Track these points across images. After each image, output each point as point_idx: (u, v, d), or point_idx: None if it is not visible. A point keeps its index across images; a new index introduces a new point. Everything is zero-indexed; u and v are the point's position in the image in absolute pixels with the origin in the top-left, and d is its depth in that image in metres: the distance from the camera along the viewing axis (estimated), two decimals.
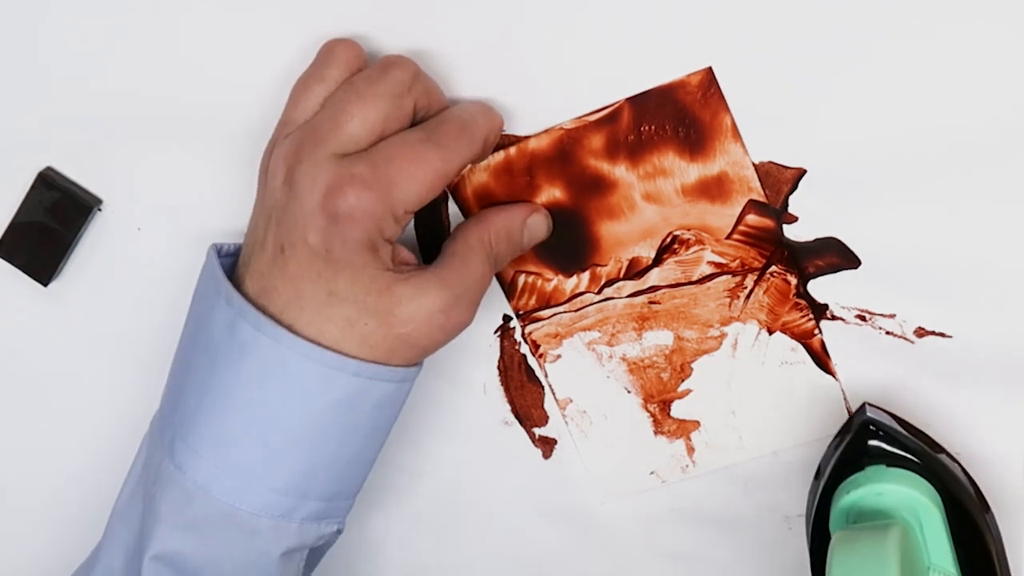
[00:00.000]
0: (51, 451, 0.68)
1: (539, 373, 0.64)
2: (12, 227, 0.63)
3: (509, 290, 0.63)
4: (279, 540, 0.56)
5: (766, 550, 0.65)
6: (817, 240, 0.59)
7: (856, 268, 0.59)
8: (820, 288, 0.60)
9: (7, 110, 0.62)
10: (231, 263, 0.57)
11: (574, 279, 0.62)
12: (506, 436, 0.65)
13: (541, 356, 0.64)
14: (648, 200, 0.60)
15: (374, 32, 0.58)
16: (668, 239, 0.60)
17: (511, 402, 0.65)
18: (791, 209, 0.59)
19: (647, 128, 0.58)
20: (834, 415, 0.62)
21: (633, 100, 0.58)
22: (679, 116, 0.58)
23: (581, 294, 0.62)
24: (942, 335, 0.59)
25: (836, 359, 0.61)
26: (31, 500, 0.67)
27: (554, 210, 0.60)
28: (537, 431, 0.65)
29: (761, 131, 0.57)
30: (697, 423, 0.64)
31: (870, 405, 0.59)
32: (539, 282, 0.62)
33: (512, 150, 0.59)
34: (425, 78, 0.56)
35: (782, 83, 0.56)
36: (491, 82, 0.58)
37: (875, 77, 0.55)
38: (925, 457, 0.57)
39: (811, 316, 0.61)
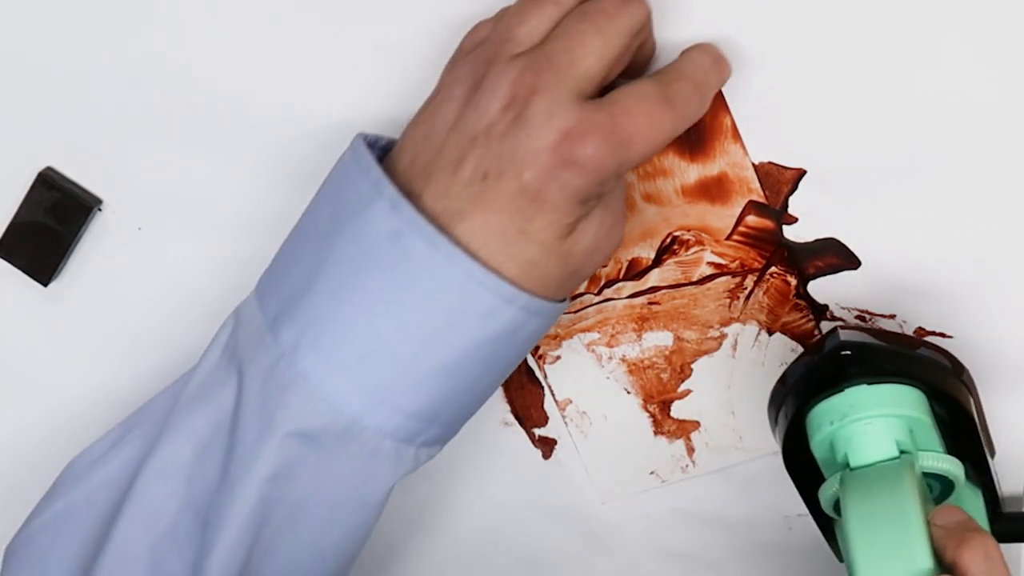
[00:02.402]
0: (51, 451, 0.67)
1: (539, 374, 0.64)
2: (12, 227, 0.63)
3: None
4: (397, 466, 0.53)
5: (766, 550, 0.65)
6: (817, 241, 0.59)
7: (856, 268, 0.59)
8: (820, 289, 0.60)
9: (7, 110, 0.61)
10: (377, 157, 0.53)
11: None
12: (506, 436, 0.65)
13: (540, 357, 0.64)
14: (648, 200, 0.60)
15: (374, 27, 0.58)
16: (668, 240, 0.60)
17: (511, 402, 0.65)
18: (791, 210, 0.59)
19: None
20: None
21: None
22: None
23: (581, 295, 0.62)
24: (942, 335, 0.59)
25: None
26: (30, 500, 0.67)
27: None
28: (537, 431, 0.65)
29: (761, 131, 0.57)
30: (697, 423, 0.64)
31: (843, 328, 0.57)
32: None
33: None
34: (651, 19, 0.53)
35: (782, 83, 0.56)
36: None
37: (875, 77, 0.55)
38: (905, 363, 0.56)
39: (811, 317, 0.61)
